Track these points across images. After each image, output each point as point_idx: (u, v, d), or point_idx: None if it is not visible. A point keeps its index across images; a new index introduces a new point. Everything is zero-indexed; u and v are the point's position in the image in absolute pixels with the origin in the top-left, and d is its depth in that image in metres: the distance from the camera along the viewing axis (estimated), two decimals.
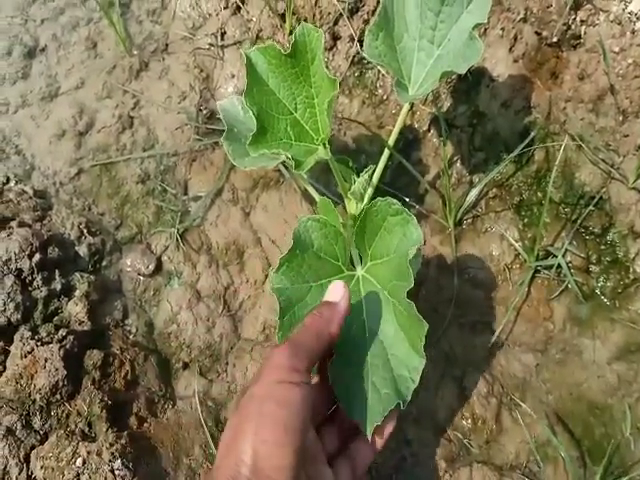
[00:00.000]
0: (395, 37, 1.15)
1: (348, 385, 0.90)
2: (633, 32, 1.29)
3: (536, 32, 1.37)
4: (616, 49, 1.30)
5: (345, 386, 0.90)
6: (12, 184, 1.37)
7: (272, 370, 0.75)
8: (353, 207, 1.14)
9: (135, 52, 1.54)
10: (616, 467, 1.15)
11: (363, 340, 0.94)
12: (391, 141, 1.17)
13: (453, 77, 1.39)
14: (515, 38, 1.38)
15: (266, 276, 1.33)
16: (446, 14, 1.14)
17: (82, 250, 1.29)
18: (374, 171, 1.14)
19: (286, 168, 1.38)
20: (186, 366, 1.25)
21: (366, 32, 1.12)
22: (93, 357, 1.15)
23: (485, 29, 1.39)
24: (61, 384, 1.09)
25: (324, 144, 1.02)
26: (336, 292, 0.88)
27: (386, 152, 1.17)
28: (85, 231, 1.31)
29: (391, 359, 0.92)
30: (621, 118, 1.31)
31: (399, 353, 0.92)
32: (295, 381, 0.74)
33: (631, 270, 1.28)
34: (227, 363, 1.26)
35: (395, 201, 0.94)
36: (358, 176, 1.11)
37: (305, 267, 0.97)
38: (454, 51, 1.13)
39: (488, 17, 1.11)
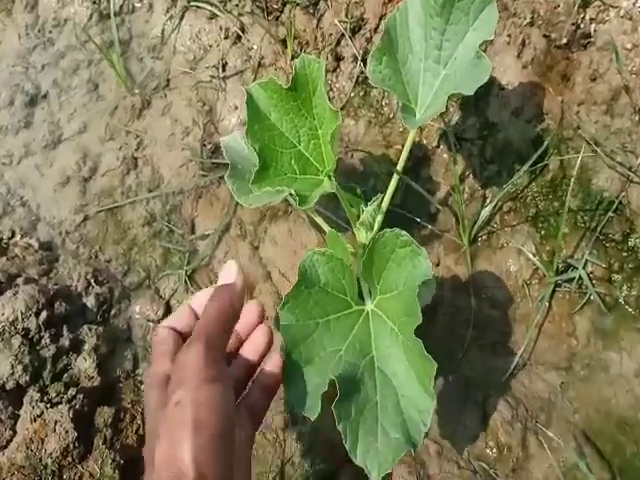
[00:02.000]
0: (399, 59, 1.12)
1: (355, 428, 0.87)
2: None
3: (544, 35, 1.33)
4: (628, 46, 1.26)
5: (351, 429, 0.86)
6: (17, 238, 1.38)
7: (193, 372, 0.74)
8: (363, 236, 1.12)
9: (137, 91, 1.54)
10: None
11: (371, 379, 0.91)
12: (400, 166, 1.14)
13: None
14: (523, 43, 1.34)
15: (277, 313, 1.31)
16: (451, 32, 1.10)
17: (90, 301, 1.28)
18: (383, 198, 1.12)
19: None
20: None
21: (369, 57, 1.09)
22: (104, 414, 1.14)
23: None
24: (72, 446, 1.09)
25: (329, 176, 1.00)
26: (229, 273, 0.87)
27: (395, 177, 1.15)
28: (92, 281, 1.31)
29: (401, 400, 0.89)
30: (637, 118, 1.27)
31: (410, 393, 0.89)
32: (216, 377, 0.74)
33: None
34: None
35: (404, 232, 0.92)
36: (367, 203, 1.09)
37: (312, 303, 0.94)
38: (461, 70, 1.09)
39: None
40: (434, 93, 1.12)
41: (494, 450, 1.16)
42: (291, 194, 0.93)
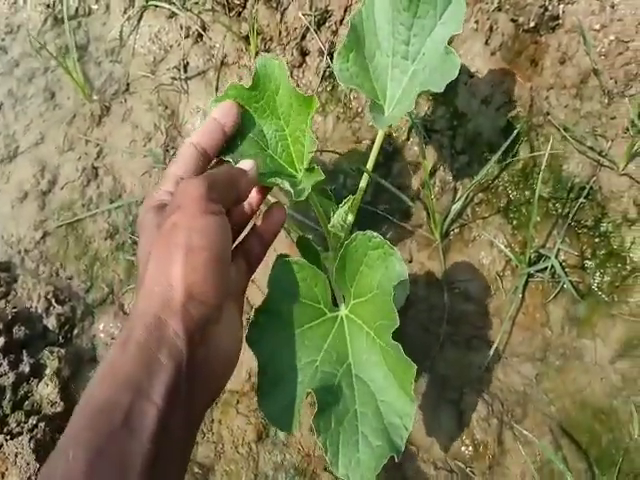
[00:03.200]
0: (367, 56, 1.09)
1: (335, 439, 0.84)
2: (613, 6, 1.22)
3: (512, 19, 1.30)
4: (596, 26, 1.24)
5: (332, 440, 0.84)
6: None
7: (191, 201, 0.76)
8: (335, 238, 1.10)
9: (95, 97, 1.50)
10: (626, 474, 1.10)
11: (349, 388, 0.89)
12: (370, 165, 1.11)
13: None
14: (491, 29, 1.31)
15: (248, 319, 1.28)
16: (419, 27, 1.08)
17: (51, 322, 1.25)
18: (354, 200, 1.10)
19: None
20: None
21: (335, 55, 1.06)
22: None
23: None
24: (34, 479, 1.05)
25: (311, 169, 0.97)
26: (247, 165, 0.89)
27: (364, 177, 1.12)
28: (53, 301, 1.27)
29: (381, 406, 0.87)
30: (607, 100, 1.24)
31: (389, 399, 0.87)
32: (215, 211, 0.77)
33: (628, 260, 1.21)
34: (212, 421, 1.21)
35: (375, 234, 0.89)
36: (337, 204, 1.06)
37: (284, 315, 0.91)
38: (430, 66, 1.06)
39: None
40: (403, 89, 1.09)
41: (470, 448, 1.15)
42: (281, 187, 0.90)
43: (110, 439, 0.61)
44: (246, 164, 0.90)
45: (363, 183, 1.11)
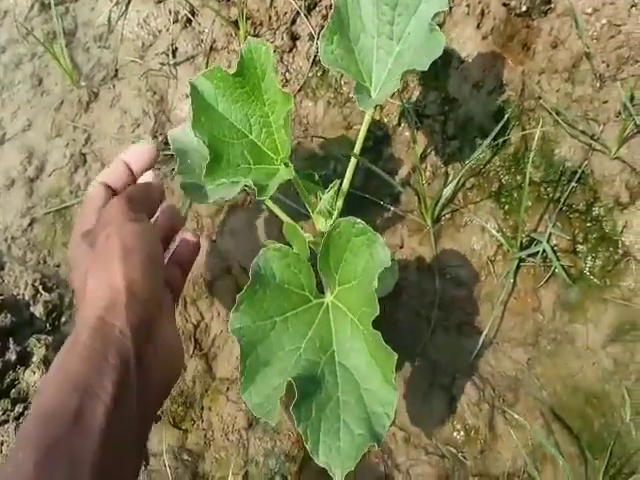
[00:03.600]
0: (352, 38, 1.08)
1: (316, 427, 0.83)
2: None
3: (504, 3, 1.29)
4: (589, 10, 1.23)
5: (312, 429, 0.83)
6: None
7: (116, 214, 0.83)
8: (322, 224, 1.08)
9: (83, 83, 1.48)
10: (618, 457, 1.10)
11: (333, 375, 0.88)
12: (357, 148, 1.11)
13: None
14: (482, 13, 1.30)
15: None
16: (403, 6, 1.07)
17: (38, 310, 1.24)
18: (341, 184, 1.09)
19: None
20: (158, 419, 1.19)
21: (320, 38, 1.05)
22: None
23: (450, 8, 1.32)
24: None
25: (286, 164, 0.96)
26: (149, 176, 0.99)
27: (352, 161, 1.11)
28: (40, 288, 1.26)
29: (364, 394, 0.86)
30: (598, 84, 1.24)
31: (372, 387, 0.86)
32: (139, 218, 0.84)
33: (620, 244, 1.21)
34: (202, 408, 1.20)
35: (358, 220, 0.89)
36: (325, 189, 1.05)
37: (267, 302, 0.91)
38: (415, 45, 1.05)
39: None
40: (389, 70, 1.08)
41: (462, 433, 1.14)
42: (247, 185, 0.89)
43: (59, 439, 0.63)
44: (149, 176, 0.98)
45: (350, 167, 1.11)
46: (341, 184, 1.08)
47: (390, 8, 1.08)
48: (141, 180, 0.98)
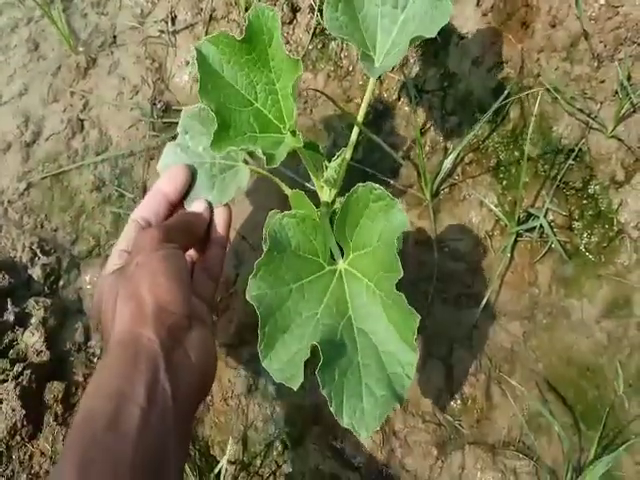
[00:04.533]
0: (356, 5, 1.07)
1: (339, 390, 0.85)
2: None
3: None
4: None
5: (336, 392, 0.85)
6: None
7: (148, 242, 0.85)
8: (326, 194, 1.08)
9: (81, 49, 1.46)
10: (611, 429, 1.13)
11: (351, 340, 0.89)
12: (360, 117, 1.10)
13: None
14: None
15: (237, 275, 1.27)
16: None
17: (36, 273, 1.23)
18: (345, 153, 1.09)
19: (250, 156, 1.32)
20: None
21: (325, 4, 1.04)
22: (54, 390, 1.10)
23: None
24: (20, 425, 1.05)
25: (293, 132, 0.95)
26: (199, 206, 1.01)
27: (355, 130, 1.11)
28: (38, 251, 1.25)
29: (383, 357, 0.88)
30: (596, 64, 1.25)
31: (391, 349, 0.88)
32: (172, 247, 0.86)
33: (615, 222, 1.23)
34: None
35: (377, 186, 0.90)
36: (329, 160, 1.05)
37: (284, 268, 0.91)
38: (420, 14, 1.04)
39: None
40: (392, 40, 1.08)
41: (458, 402, 1.16)
42: (258, 152, 0.89)
43: (97, 442, 0.66)
44: (199, 206, 1.02)
45: (354, 136, 1.11)
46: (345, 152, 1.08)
47: None
48: (193, 208, 1.02)
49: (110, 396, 0.70)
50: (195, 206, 1.02)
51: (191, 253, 1.02)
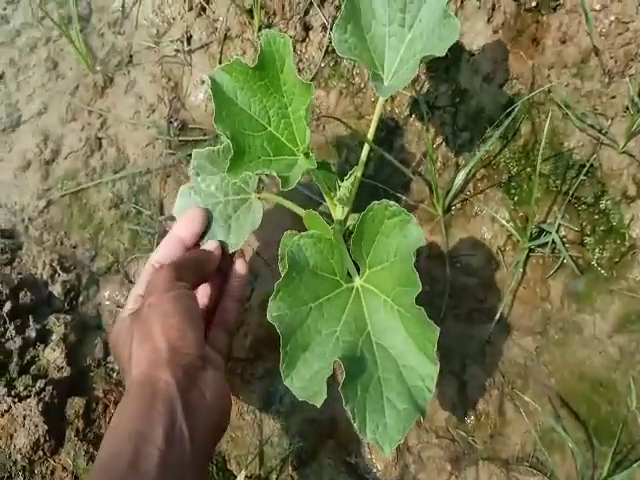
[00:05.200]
0: (364, 26, 1.10)
1: (362, 406, 0.87)
2: None
3: None
4: (597, 7, 1.24)
5: (359, 408, 0.86)
6: None
7: (161, 283, 0.88)
8: (339, 212, 1.10)
9: (98, 68, 1.49)
10: (624, 445, 1.12)
11: (371, 355, 0.91)
12: (370, 135, 1.12)
13: None
14: (493, 7, 1.32)
15: (252, 290, 1.28)
16: None
17: (56, 289, 1.25)
18: (359, 173, 1.11)
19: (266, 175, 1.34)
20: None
21: (334, 27, 1.07)
22: (75, 405, 1.12)
23: (462, 2, 1.33)
24: (42, 440, 1.07)
25: (307, 153, 0.97)
26: (210, 245, 1.04)
27: (366, 148, 1.13)
28: (58, 268, 1.27)
29: (403, 371, 0.90)
30: (607, 80, 1.25)
31: (411, 363, 0.90)
32: (183, 287, 0.89)
33: (627, 237, 1.23)
34: None
35: (392, 202, 0.92)
36: (341, 178, 1.07)
37: (302, 288, 0.93)
38: (427, 32, 1.07)
39: None
40: (400, 58, 1.10)
41: (472, 418, 1.16)
42: (267, 175, 0.91)
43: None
44: (210, 245, 1.04)
45: (364, 154, 1.12)
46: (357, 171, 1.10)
47: None
48: (205, 247, 1.05)
49: (130, 437, 0.72)
50: (207, 245, 1.05)
51: (204, 301, 1.05)
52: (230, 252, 1.07)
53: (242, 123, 0.98)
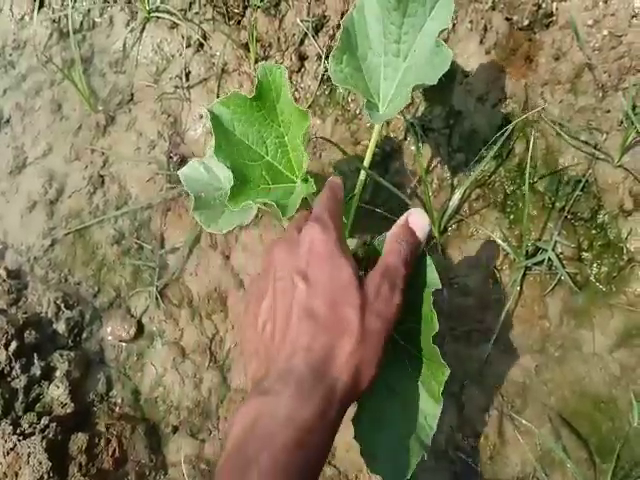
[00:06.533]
0: (360, 56, 1.12)
1: (371, 440, 0.88)
2: (605, 1, 1.23)
3: (506, 18, 1.31)
4: (589, 22, 1.24)
5: (368, 442, 0.88)
6: None
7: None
8: None
9: (100, 107, 1.53)
10: (626, 461, 1.11)
11: (380, 390, 0.91)
12: (366, 162, 1.14)
13: None
14: (485, 29, 1.33)
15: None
16: (409, 25, 1.09)
17: (60, 327, 1.28)
18: (354, 197, 1.13)
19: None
20: (176, 429, 1.23)
21: (330, 58, 1.09)
22: (78, 441, 1.13)
23: (453, 24, 1.34)
24: (46, 477, 1.08)
25: (305, 179, 1.00)
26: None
27: (362, 174, 1.14)
28: (62, 306, 1.30)
29: (409, 408, 0.89)
30: (601, 94, 1.25)
31: (416, 401, 0.89)
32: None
33: (625, 251, 1.22)
34: (218, 418, 1.24)
35: None
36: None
37: None
38: (421, 61, 1.08)
39: (456, 11, 1.06)
40: (396, 87, 1.11)
41: (471, 440, 1.16)
42: (266, 204, 0.92)
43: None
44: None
45: (360, 181, 1.14)
46: (353, 198, 1.12)
47: (396, 27, 1.10)
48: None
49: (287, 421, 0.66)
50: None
51: None
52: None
53: (241, 153, 1.00)
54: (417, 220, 0.91)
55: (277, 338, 0.77)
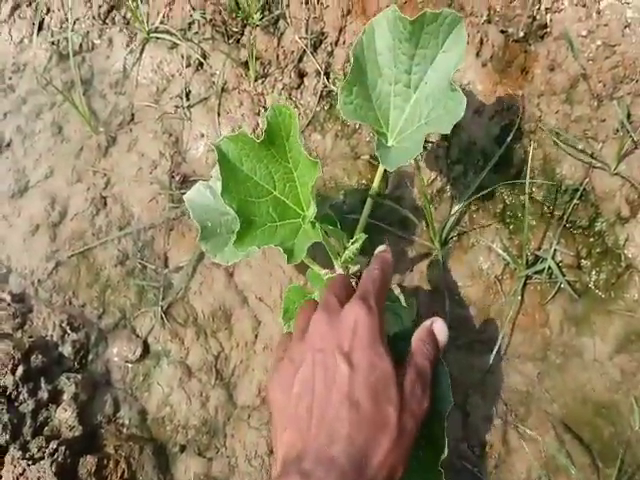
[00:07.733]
0: (370, 85, 1.12)
1: None
2: (598, 12, 1.25)
3: (501, 31, 1.33)
4: (584, 32, 1.26)
5: None
6: None
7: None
8: (343, 269, 1.13)
9: (101, 129, 1.54)
10: (629, 465, 1.11)
11: None
12: (373, 191, 1.17)
13: None
14: (481, 42, 1.34)
15: (256, 336, 1.31)
16: (421, 57, 1.10)
17: (66, 349, 1.28)
18: (360, 229, 1.15)
19: None
20: (183, 449, 1.22)
21: (339, 90, 1.09)
22: (87, 464, 1.13)
23: None
24: None
25: (312, 223, 1.00)
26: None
27: (369, 202, 1.17)
28: (68, 328, 1.30)
29: None
30: (596, 103, 1.27)
31: None
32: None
33: (623, 257, 1.24)
34: (225, 436, 1.23)
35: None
36: (346, 236, 1.11)
37: None
38: (433, 99, 1.09)
39: None
40: (405, 118, 1.13)
41: (476, 449, 1.17)
42: (280, 250, 0.93)
43: None
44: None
45: (367, 208, 1.16)
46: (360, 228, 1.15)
47: (408, 58, 1.10)
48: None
49: None
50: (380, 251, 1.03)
51: None
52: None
53: (248, 190, 0.99)
54: (440, 327, 0.96)
55: (315, 415, 0.78)
